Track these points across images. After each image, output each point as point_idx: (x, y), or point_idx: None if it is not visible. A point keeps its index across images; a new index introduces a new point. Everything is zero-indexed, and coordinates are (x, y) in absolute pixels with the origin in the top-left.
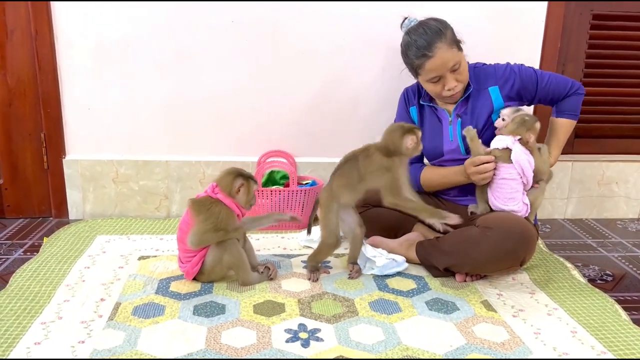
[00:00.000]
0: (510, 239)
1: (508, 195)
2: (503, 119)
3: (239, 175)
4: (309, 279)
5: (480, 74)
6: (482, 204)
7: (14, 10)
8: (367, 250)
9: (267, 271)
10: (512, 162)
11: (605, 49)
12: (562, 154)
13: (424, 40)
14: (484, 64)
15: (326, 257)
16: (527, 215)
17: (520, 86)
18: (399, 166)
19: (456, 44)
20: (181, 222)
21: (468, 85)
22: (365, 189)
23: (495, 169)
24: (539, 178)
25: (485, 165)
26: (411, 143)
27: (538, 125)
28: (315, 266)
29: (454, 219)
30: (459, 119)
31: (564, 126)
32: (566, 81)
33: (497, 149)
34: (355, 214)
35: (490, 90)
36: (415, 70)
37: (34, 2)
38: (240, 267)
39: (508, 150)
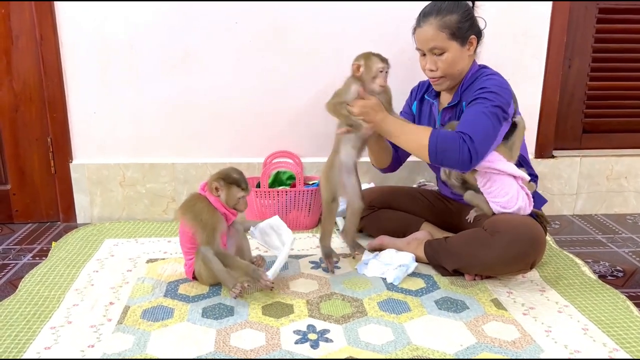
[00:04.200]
0: (519, 243)
1: (504, 192)
2: None
3: (221, 178)
4: (328, 270)
5: (475, 83)
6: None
7: (18, 16)
8: (375, 266)
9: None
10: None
11: (612, 43)
12: (569, 149)
13: (426, 10)
14: (493, 73)
15: (329, 226)
16: (531, 207)
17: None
18: (349, 83)
19: (452, 32)
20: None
21: (461, 85)
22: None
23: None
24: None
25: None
26: (354, 68)
27: None
28: (328, 251)
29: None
30: (442, 127)
31: (418, 129)
32: (473, 124)
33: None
34: (357, 182)
35: (464, 105)
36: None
37: (38, 7)
38: (222, 281)
39: None
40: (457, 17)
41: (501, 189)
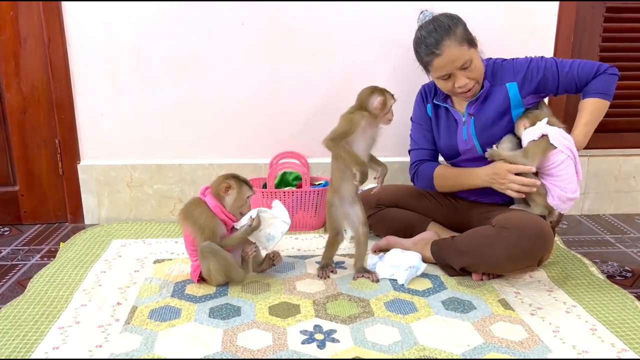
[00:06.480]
0: (526, 239)
1: (571, 178)
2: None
3: (232, 177)
4: (318, 276)
5: (498, 70)
6: (537, 209)
7: (27, 18)
8: (382, 267)
9: (270, 261)
10: (555, 147)
11: (619, 42)
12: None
13: (433, 38)
14: (504, 59)
15: (331, 253)
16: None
17: (541, 80)
18: (359, 119)
19: (467, 41)
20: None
21: (485, 82)
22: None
23: (537, 174)
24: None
25: (524, 179)
26: (378, 103)
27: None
28: (324, 264)
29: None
30: (472, 117)
31: (589, 105)
32: (592, 65)
33: (534, 140)
34: (360, 211)
35: (508, 86)
36: (425, 67)
37: (46, 9)
38: (230, 270)
39: (545, 137)
40: (462, 27)
41: (572, 175)
